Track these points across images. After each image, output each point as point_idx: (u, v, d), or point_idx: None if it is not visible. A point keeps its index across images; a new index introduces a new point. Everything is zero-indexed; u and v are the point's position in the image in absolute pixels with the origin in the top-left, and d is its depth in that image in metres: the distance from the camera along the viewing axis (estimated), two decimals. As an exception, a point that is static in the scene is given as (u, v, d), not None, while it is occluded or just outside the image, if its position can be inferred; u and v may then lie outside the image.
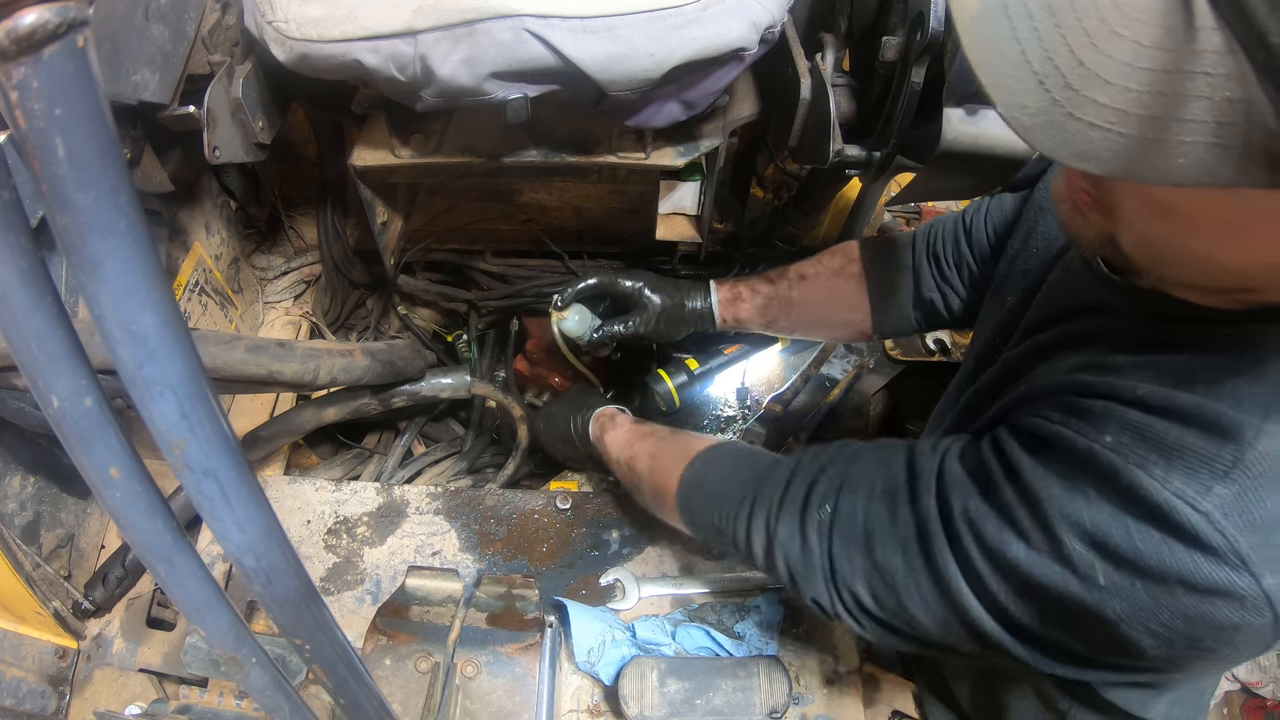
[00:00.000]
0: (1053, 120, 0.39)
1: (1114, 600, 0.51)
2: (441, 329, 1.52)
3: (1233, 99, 0.35)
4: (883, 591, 0.63)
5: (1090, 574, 0.51)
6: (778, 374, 1.41)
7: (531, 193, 1.37)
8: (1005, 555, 0.55)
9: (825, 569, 0.67)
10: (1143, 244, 0.51)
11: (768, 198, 1.44)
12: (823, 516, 0.67)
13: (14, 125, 0.22)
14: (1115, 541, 0.50)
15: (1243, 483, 0.48)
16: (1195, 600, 0.49)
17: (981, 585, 0.57)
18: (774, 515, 0.71)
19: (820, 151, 0.89)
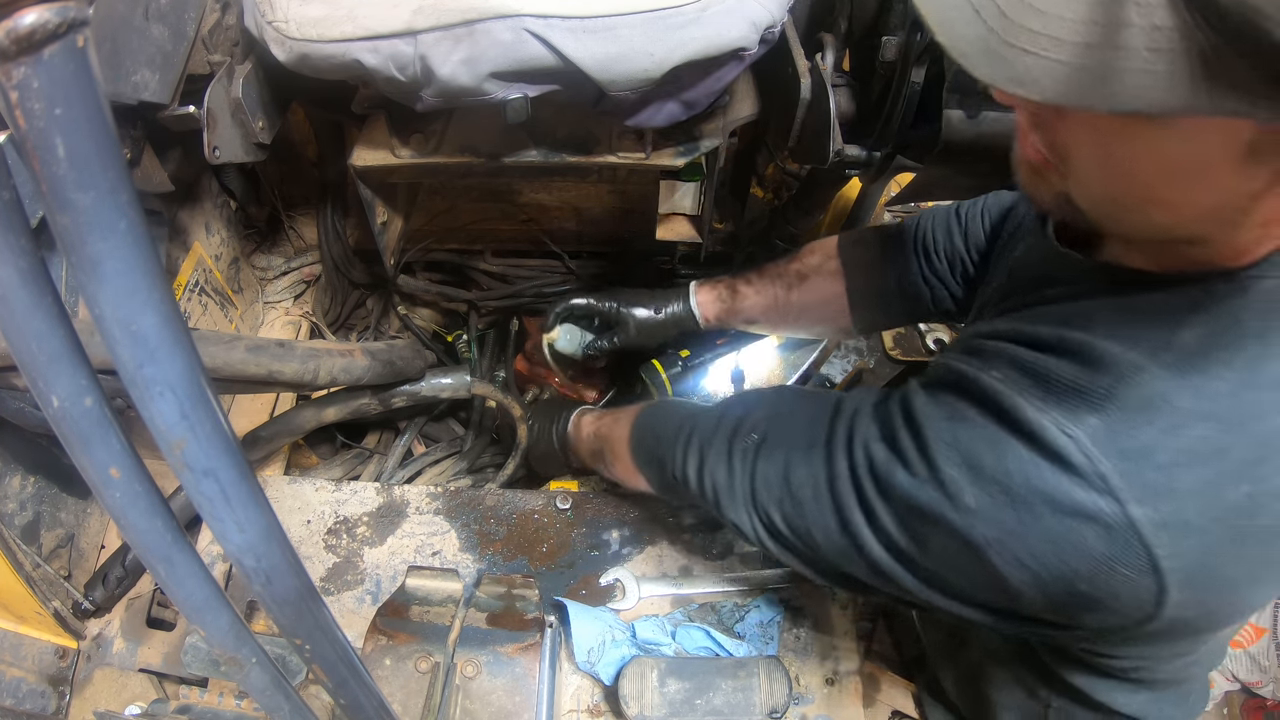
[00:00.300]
0: (989, 48, 0.40)
1: (982, 524, 0.52)
2: (441, 329, 1.52)
3: (1161, 26, 0.36)
4: (794, 516, 0.67)
5: (961, 496, 0.53)
6: (777, 373, 1.40)
7: (531, 193, 1.37)
8: (891, 482, 0.58)
9: (746, 491, 0.71)
10: (1096, 198, 0.52)
11: (768, 197, 1.44)
12: (749, 443, 0.72)
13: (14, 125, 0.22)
14: (986, 464, 0.52)
15: (1115, 414, 0.49)
16: (1060, 522, 0.50)
17: (872, 513, 0.60)
18: (706, 441, 0.77)
19: (820, 151, 0.89)
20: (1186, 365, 0.49)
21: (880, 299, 1.03)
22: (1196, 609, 0.51)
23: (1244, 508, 0.48)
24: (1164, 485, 0.48)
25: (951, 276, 0.96)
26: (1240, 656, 1.52)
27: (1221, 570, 0.50)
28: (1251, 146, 0.42)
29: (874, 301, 1.04)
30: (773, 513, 0.69)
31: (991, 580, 0.54)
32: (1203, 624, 0.53)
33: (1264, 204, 0.45)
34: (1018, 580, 0.53)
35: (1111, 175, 0.49)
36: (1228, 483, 0.48)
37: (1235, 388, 0.48)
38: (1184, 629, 0.53)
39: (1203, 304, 0.51)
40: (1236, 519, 0.48)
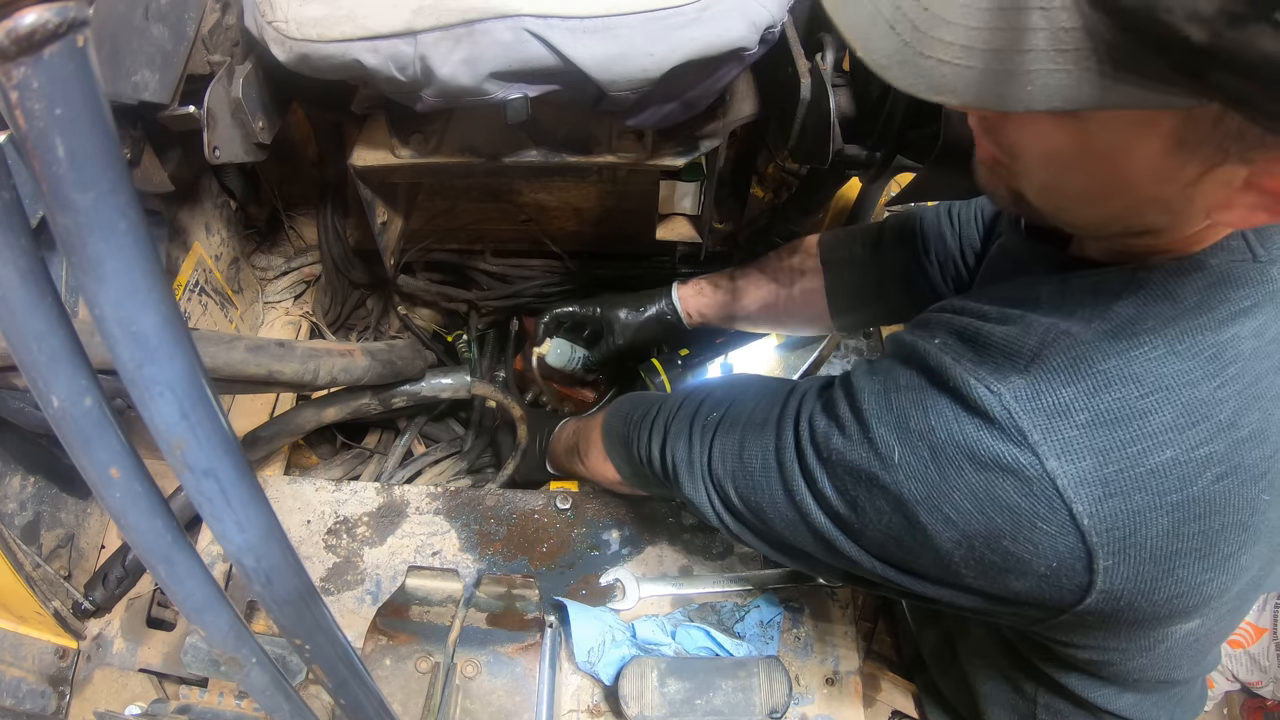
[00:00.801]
0: (906, 60, 0.42)
1: (910, 480, 0.54)
2: (441, 329, 1.52)
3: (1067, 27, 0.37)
4: (745, 490, 0.69)
5: (890, 455, 0.55)
6: (775, 368, 1.40)
7: (531, 193, 1.37)
8: (829, 447, 0.60)
9: (703, 465, 0.74)
10: (1043, 193, 0.53)
11: (768, 197, 1.44)
12: (709, 421, 0.75)
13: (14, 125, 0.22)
14: (914, 422, 0.54)
15: (1039, 374, 0.51)
16: (980, 475, 0.51)
17: (813, 479, 0.62)
18: (669, 419, 0.80)
19: (820, 151, 0.89)
20: (1117, 332, 0.51)
21: (859, 298, 1.04)
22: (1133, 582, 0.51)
23: (1170, 474, 0.49)
24: (1082, 442, 0.49)
25: (941, 278, 0.96)
26: (1240, 656, 1.52)
27: (1155, 541, 0.50)
28: (1176, 136, 0.43)
29: (852, 301, 1.05)
30: (727, 486, 0.71)
31: (924, 543, 0.55)
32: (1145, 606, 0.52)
33: (1202, 192, 0.46)
34: (947, 540, 0.54)
35: (1052, 171, 0.51)
36: (1151, 446, 0.49)
37: (1164, 355, 0.49)
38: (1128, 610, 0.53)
39: (1143, 280, 0.52)
40: (1163, 485, 0.49)
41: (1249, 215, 0.45)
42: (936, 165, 0.79)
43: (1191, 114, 0.41)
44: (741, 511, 0.71)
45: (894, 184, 1.39)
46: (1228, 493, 0.50)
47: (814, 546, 0.66)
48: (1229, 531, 0.51)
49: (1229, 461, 0.49)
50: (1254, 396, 0.50)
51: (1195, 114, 0.41)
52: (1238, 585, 0.55)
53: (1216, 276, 0.51)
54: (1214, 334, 0.50)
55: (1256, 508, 0.51)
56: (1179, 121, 0.42)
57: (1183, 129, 0.42)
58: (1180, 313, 0.50)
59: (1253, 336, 0.51)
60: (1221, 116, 0.41)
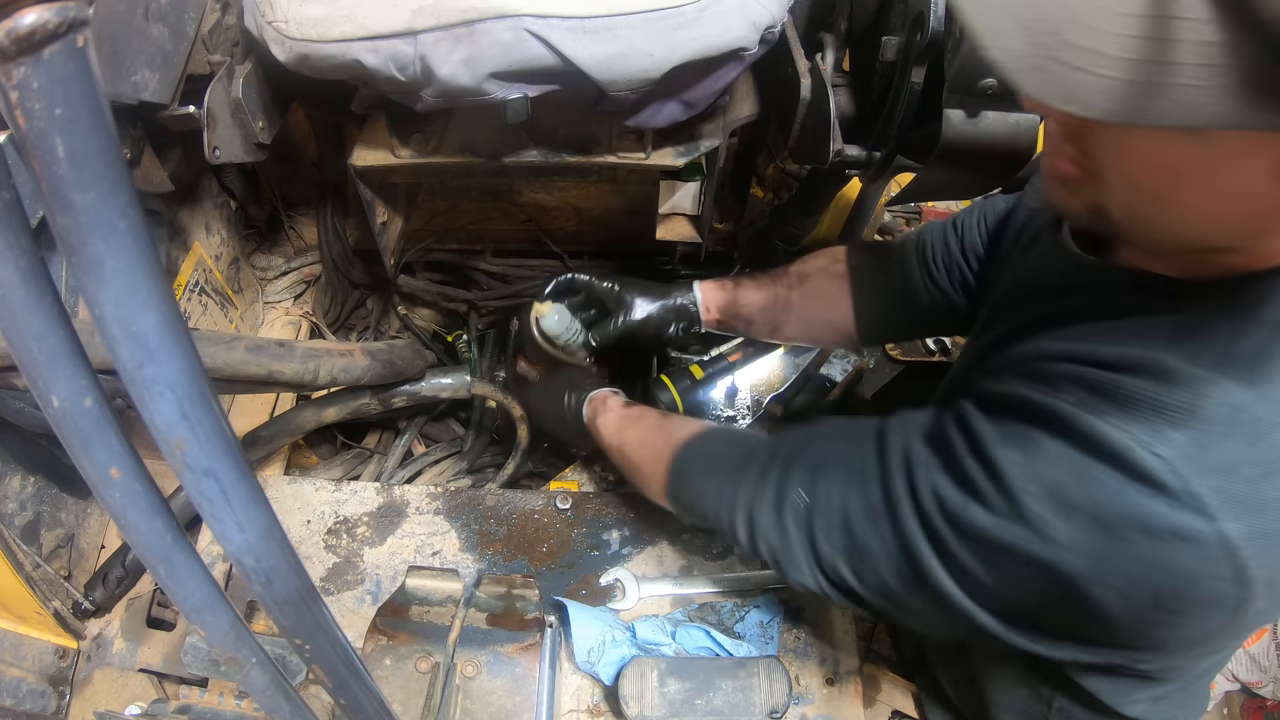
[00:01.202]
0: (1039, 64, 0.40)
1: (1074, 556, 0.51)
2: (441, 329, 1.52)
3: (1211, 42, 0.36)
4: (863, 569, 0.66)
5: (1050, 531, 0.52)
6: (778, 374, 1.41)
7: (531, 193, 1.37)
8: (970, 524, 0.56)
9: (807, 553, 0.70)
10: (1131, 208, 0.52)
11: (768, 198, 1.44)
12: (799, 503, 0.70)
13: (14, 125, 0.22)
14: (1073, 495, 0.51)
15: (1198, 429, 0.49)
16: (1154, 546, 0.49)
17: (951, 559, 0.58)
18: (754, 506, 0.74)
19: (820, 151, 0.89)
20: (1253, 375, 0.49)
21: (885, 307, 1.02)
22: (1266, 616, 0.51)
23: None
24: (1253, 498, 0.48)
25: (951, 285, 0.96)
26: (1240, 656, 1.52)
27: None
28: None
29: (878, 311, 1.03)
30: (840, 569, 0.67)
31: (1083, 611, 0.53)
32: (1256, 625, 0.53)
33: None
34: (1108, 604, 0.52)
35: (1148, 188, 0.49)
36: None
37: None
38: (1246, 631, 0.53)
39: (1251, 313, 0.51)
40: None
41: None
42: (936, 165, 0.78)
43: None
44: (858, 591, 0.67)
45: (894, 184, 1.39)
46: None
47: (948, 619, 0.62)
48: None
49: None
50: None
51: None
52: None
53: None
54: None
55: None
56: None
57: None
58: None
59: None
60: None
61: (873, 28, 0.89)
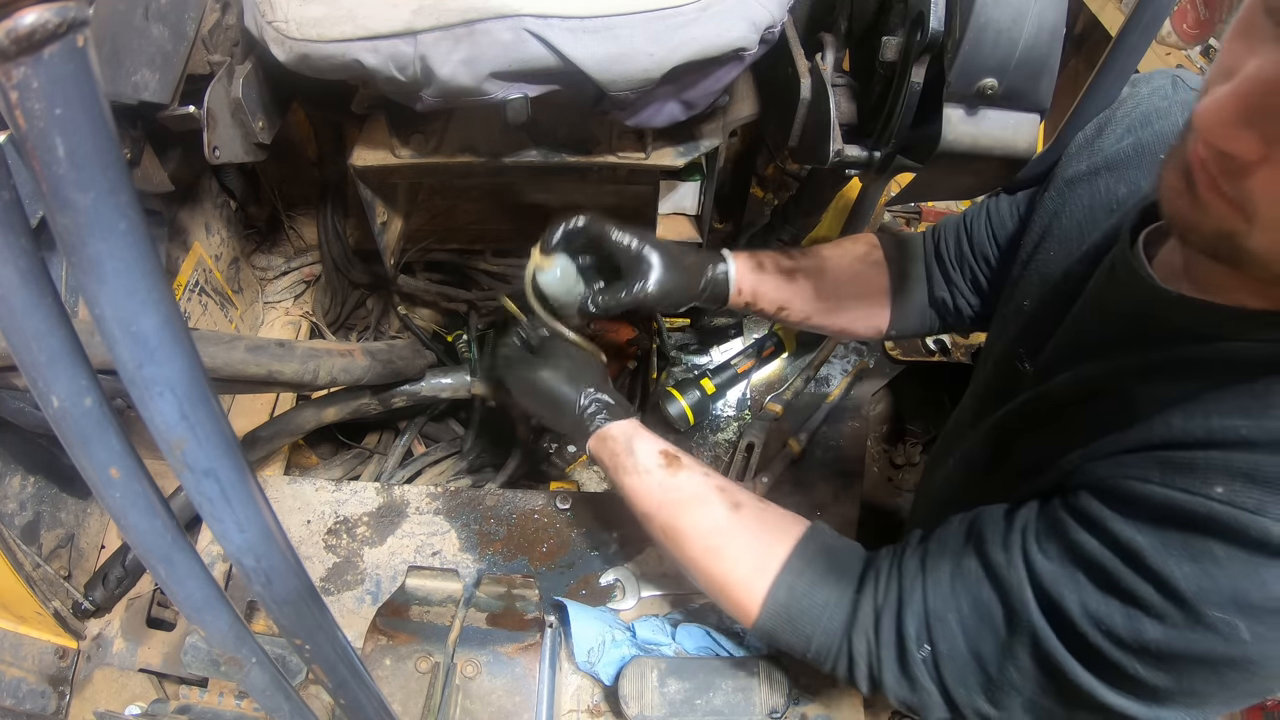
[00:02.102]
0: None
1: (1260, 647, 0.50)
2: (441, 329, 1.52)
3: None
4: (1004, 700, 0.63)
5: (1233, 633, 0.50)
6: (778, 374, 1.41)
7: (531, 193, 1.37)
8: (1140, 641, 0.54)
9: (942, 699, 0.66)
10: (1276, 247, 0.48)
11: (768, 198, 1.44)
12: (924, 656, 0.66)
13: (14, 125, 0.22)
14: (1254, 597, 0.50)
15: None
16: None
17: (1116, 672, 0.56)
18: (875, 665, 0.69)
19: (820, 151, 0.89)
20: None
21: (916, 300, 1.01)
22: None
23: None
24: None
25: (964, 284, 0.97)
26: (1240, 656, 1.52)
27: None
28: None
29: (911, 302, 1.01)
30: (979, 705, 0.64)
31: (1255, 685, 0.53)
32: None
33: None
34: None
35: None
36: None
37: None
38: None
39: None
40: None
41: None
42: (936, 165, 0.78)
43: None
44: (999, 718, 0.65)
45: (894, 184, 1.39)
46: None
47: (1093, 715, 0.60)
48: None
49: None
50: None
51: None
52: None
53: None
54: None
55: None
56: None
57: None
58: None
59: None
60: None
61: (873, 28, 0.89)
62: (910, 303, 1.01)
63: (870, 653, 0.69)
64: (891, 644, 0.68)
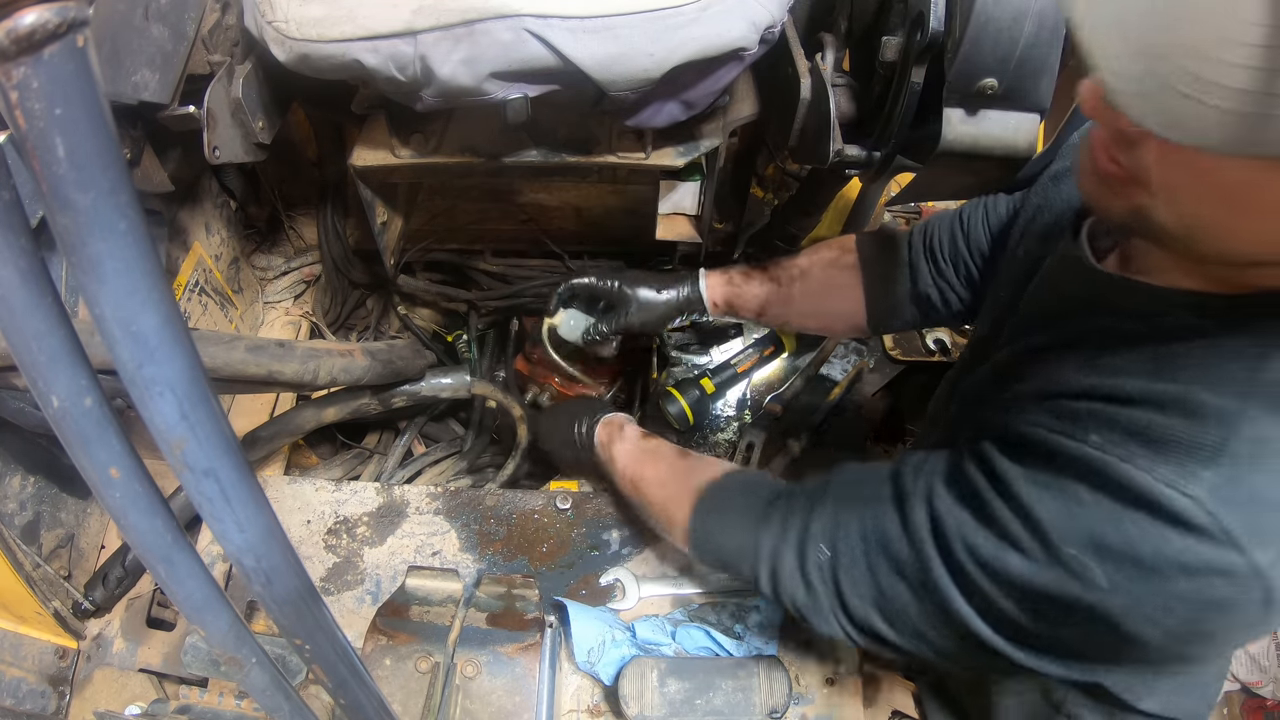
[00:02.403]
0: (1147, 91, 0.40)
1: (1116, 597, 0.52)
2: (441, 329, 1.52)
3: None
4: (896, 620, 0.66)
5: (1090, 576, 0.52)
6: (778, 374, 1.41)
7: (531, 193, 1.37)
8: (1006, 572, 0.56)
9: (835, 607, 0.70)
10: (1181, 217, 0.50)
11: (768, 198, 1.44)
12: (822, 559, 0.70)
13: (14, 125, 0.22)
14: (1111, 541, 0.52)
15: (1228, 466, 0.49)
16: (1192, 583, 0.50)
17: (986, 605, 0.58)
18: (777, 560, 0.74)
19: (820, 151, 0.89)
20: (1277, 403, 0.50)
21: (895, 300, 1.02)
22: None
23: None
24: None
25: (956, 279, 0.97)
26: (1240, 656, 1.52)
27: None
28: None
29: (888, 301, 1.03)
30: (872, 620, 0.67)
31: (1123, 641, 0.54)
32: None
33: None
34: (1146, 635, 0.53)
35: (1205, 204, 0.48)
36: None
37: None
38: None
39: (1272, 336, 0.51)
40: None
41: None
42: (936, 165, 0.78)
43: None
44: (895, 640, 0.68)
45: (894, 184, 1.39)
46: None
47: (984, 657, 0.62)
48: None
49: None
50: None
51: None
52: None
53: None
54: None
55: None
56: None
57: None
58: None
59: None
60: None
61: (873, 28, 0.89)
62: (889, 301, 1.03)
63: (776, 550, 0.74)
64: (796, 542, 0.72)
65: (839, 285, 1.05)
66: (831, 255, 1.06)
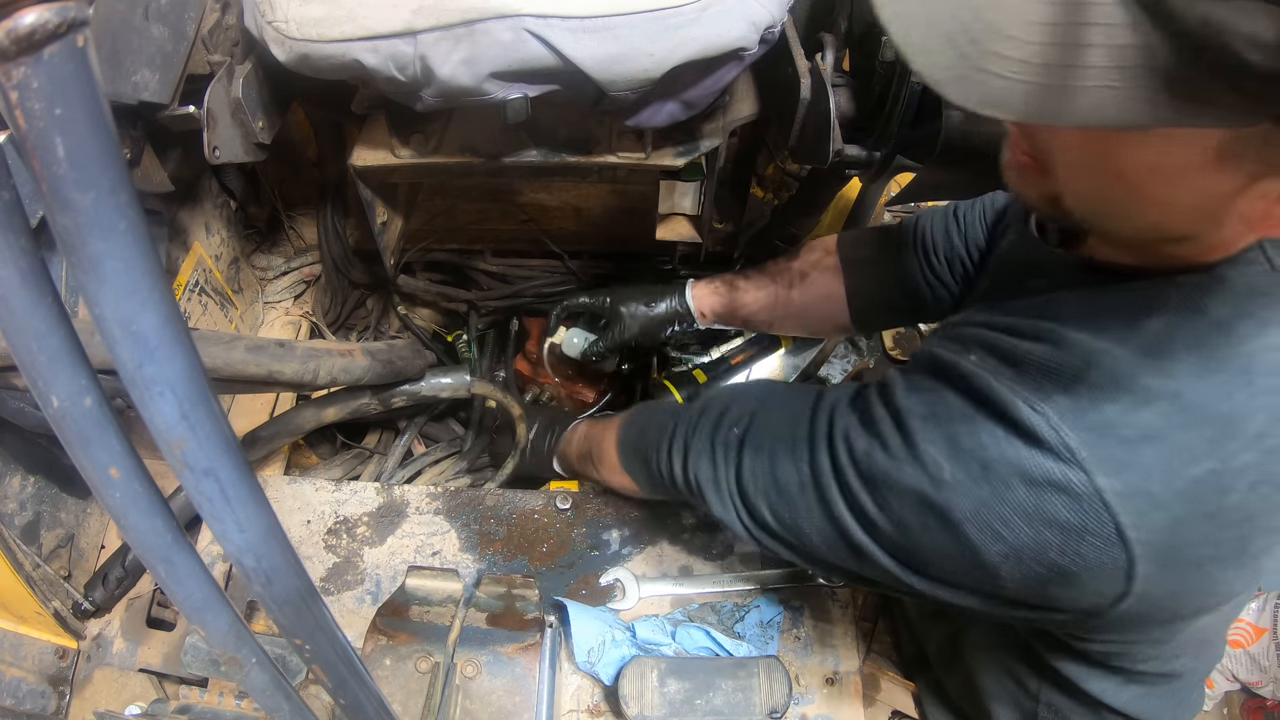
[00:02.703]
0: (961, 74, 0.42)
1: (960, 498, 0.54)
2: (441, 329, 1.52)
3: (1126, 45, 0.38)
4: (780, 508, 0.69)
5: (938, 472, 0.55)
6: (778, 374, 1.41)
7: (531, 193, 1.37)
8: (872, 466, 0.60)
9: (732, 486, 0.73)
10: (1081, 199, 0.54)
11: (768, 198, 1.44)
12: (731, 438, 0.74)
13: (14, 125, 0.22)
14: (964, 443, 0.55)
15: (1082, 392, 0.52)
16: (1031, 493, 0.52)
17: (854, 499, 0.62)
18: (689, 436, 0.79)
19: (820, 151, 0.89)
20: (1151, 349, 0.52)
21: (879, 298, 1.03)
22: (1168, 587, 0.52)
23: (1210, 485, 0.50)
24: (1127, 458, 0.50)
25: (950, 276, 0.96)
26: (1240, 656, 1.52)
27: (1193, 548, 0.51)
28: (1223, 152, 0.44)
29: (872, 300, 1.04)
30: (759, 505, 0.71)
31: (970, 557, 0.56)
32: (1174, 605, 0.54)
33: (1242, 201, 0.47)
34: (995, 554, 0.54)
35: (1096, 180, 0.51)
36: (1190, 459, 0.50)
37: (1198, 370, 0.50)
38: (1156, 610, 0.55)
39: (1169, 295, 0.53)
40: (1202, 496, 0.50)
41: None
42: (936, 165, 0.79)
43: (1242, 132, 0.42)
44: (776, 529, 0.71)
45: (894, 184, 1.39)
46: (1261, 500, 0.51)
47: (851, 561, 0.66)
48: (1259, 535, 0.52)
49: (1261, 470, 0.50)
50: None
51: (1246, 131, 0.42)
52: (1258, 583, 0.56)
53: (1240, 289, 0.52)
54: (1244, 345, 0.51)
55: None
56: (1228, 138, 0.43)
57: (1231, 145, 0.43)
58: (1209, 326, 0.51)
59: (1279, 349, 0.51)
60: (1271, 134, 0.41)
61: (873, 28, 0.89)
62: (872, 300, 1.05)
63: (690, 424, 0.79)
64: (713, 418, 0.77)
65: (821, 289, 1.07)
66: (813, 259, 1.09)
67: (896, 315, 1.08)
